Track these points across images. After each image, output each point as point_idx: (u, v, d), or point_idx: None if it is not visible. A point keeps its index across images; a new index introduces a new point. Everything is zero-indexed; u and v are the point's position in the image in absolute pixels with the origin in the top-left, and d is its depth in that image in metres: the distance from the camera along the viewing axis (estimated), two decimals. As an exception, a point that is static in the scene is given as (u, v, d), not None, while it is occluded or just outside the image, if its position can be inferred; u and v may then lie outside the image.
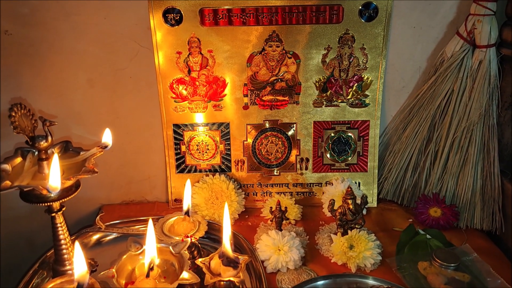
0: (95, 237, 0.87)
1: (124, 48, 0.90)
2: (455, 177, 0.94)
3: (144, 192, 1.03)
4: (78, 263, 0.59)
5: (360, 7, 0.88)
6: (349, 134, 0.98)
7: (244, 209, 0.98)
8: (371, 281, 0.75)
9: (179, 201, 1.00)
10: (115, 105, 0.94)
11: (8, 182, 0.59)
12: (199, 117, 0.96)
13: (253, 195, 1.00)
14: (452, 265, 0.79)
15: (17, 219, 1.03)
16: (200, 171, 0.99)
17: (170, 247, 0.75)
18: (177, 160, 0.98)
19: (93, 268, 0.80)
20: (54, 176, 0.57)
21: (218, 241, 0.84)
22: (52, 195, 0.59)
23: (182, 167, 0.98)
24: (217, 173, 0.98)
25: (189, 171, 0.98)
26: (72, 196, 0.63)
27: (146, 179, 1.01)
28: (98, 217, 0.80)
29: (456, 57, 0.89)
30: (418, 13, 0.90)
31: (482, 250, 0.87)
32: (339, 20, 0.89)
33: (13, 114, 0.58)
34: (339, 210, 0.86)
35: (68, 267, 0.70)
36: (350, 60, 0.92)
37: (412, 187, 0.98)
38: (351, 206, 0.85)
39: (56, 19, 0.86)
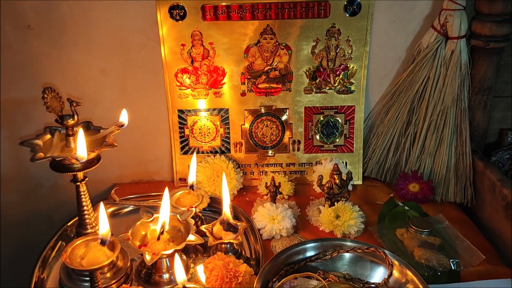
0: (110, 210, 0.97)
1: (133, 41, 0.99)
2: (431, 156, 1.04)
3: (151, 172, 1.12)
4: (102, 222, 0.70)
5: (345, 3, 0.98)
6: (337, 118, 1.07)
7: (242, 186, 1.07)
8: (353, 244, 0.85)
9: (183, 180, 1.09)
10: (126, 93, 1.03)
11: (41, 154, 0.69)
12: (201, 103, 1.05)
13: (250, 174, 1.10)
14: (426, 230, 0.89)
15: (36, 198, 1.13)
16: (202, 152, 1.08)
17: (178, 215, 0.85)
18: (181, 142, 1.08)
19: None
20: (81, 147, 0.67)
21: (219, 213, 0.93)
22: (79, 164, 0.69)
23: (186, 149, 1.08)
24: (218, 154, 1.08)
25: (192, 153, 1.08)
26: (94, 167, 0.73)
27: (154, 160, 1.11)
28: (113, 191, 0.91)
29: (431, 48, 0.99)
30: (397, 8, 1.00)
31: (455, 219, 0.97)
32: (326, 15, 0.99)
33: (45, 96, 0.68)
34: (327, 185, 0.97)
35: (90, 230, 0.80)
36: (337, 51, 1.02)
37: (394, 165, 1.08)
38: (337, 181, 0.95)
39: (73, 15, 0.95)
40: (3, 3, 0.92)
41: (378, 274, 0.81)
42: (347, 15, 0.99)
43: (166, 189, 0.78)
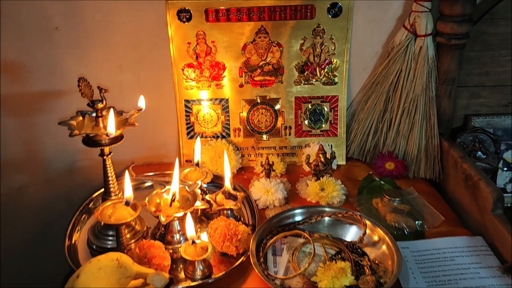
0: (128, 184, 1.12)
1: (146, 40, 1.12)
2: (405, 138, 1.17)
3: (161, 155, 1.25)
4: (126, 187, 0.85)
5: (328, 6, 1.11)
6: (323, 106, 1.21)
7: (240, 166, 1.21)
8: (334, 209, 1.00)
9: (189, 161, 1.24)
10: (139, 85, 1.16)
11: (77, 131, 0.84)
12: (205, 94, 1.19)
13: (248, 156, 1.24)
14: (397, 199, 1.03)
15: (57, 180, 1.25)
16: (206, 137, 1.22)
17: (186, 187, 0.99)
18: (187, 128, 1.22)
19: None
20: (111, 125, 0.83)
21: (221, 187, 1.07)
22: (107, 140, 0.85)
23: (192, 134, 1.22)
24: (219, 138, 1.22)
25: (197, 137, 1.22)
26: (118, 143, 0.89)
27: (163, 145, 1.25)
28: (130, 167, 1.06)
29: (403, 44, 1.12)
30: (373, 11, 1.13)
31: (424, 192, 1.11)
32: (312, 17, 1.13)
33: (80, 84, 0.84)
34: (314, 163, 1.11)
35: (114, 197, 0.95)
36: (322, 48, 1.16)
37: (373, 147, 1.21)
38: (322, 159, 1.10)
39: (95, 18, 1.09)
40: (34, 8, 1.07)
41: (355, 234, 0.96)
42: (330, 16, 1.13)
43: (177, 162, 0.93)
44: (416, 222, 0.99)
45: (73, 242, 0.98)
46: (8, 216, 1.26)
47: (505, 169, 1.19)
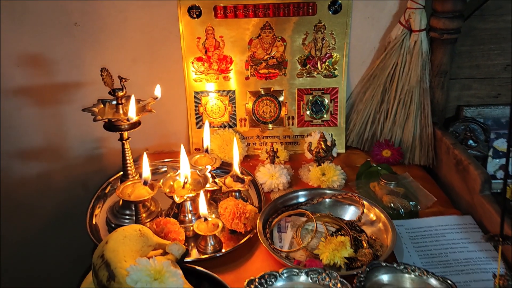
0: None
1: (159, 35, 1.19)
2: (401, 127, 1.24)
3: (172, 144, 1.33)
4: (144, 168, 0.93)
5: (329, 3, 1.19)
6: (324, 98, 1.28)
7: (246, 154, 1.29)
8: (334, 191, 1.08)
9: (198, 150, 1.31)
10: (152, 77, 1.23)
11: (99, 117, 0.92)
12: (213, 86, 1.26)
13: (253, 144, 1.31)
14: (393, 183, 1.11)
15: (74, 167, 1.33)
16: (214, 127, 1.30)
17: (197, 171, 1.08)
18: (196, 118, 1.29)
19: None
20: (132, 110, 0.90)
21: (229, 173, 1.16)
22: (126, 125, 0.92)
23: (200, 124, 1.30)
24: (226, 128, 1.30)
25: (205, 127, 1.30)
26: (136, 129, 0.97)
27: (173, 134, 1.32)
28: (144, 152, 1.13)
29: (399, 39, 1.19)
30: (371, 8, 1.20)
31: (418, 177, 1.18)
32: (314, 13, 1.20)
33: (102, 74, 0.92)
34: (315, 150, 1.19)
35: (131, 179, 1.03)
36: (323, 43, 1.24)
37: (371, 136, 1.27)
38: (323, 146, 1.18)
39: (111, 15, 1.16)
40: (55, 5, 1.14)
41: (353, 214, 1.04)
42: (331, 13, 1.21)
43: (182, 147, 1.00)
44: (411, 203, 1.07)
45: (93, 222, 1.06)
46: (28, 200, 1.34)
47: (496, 159, 1.27)
